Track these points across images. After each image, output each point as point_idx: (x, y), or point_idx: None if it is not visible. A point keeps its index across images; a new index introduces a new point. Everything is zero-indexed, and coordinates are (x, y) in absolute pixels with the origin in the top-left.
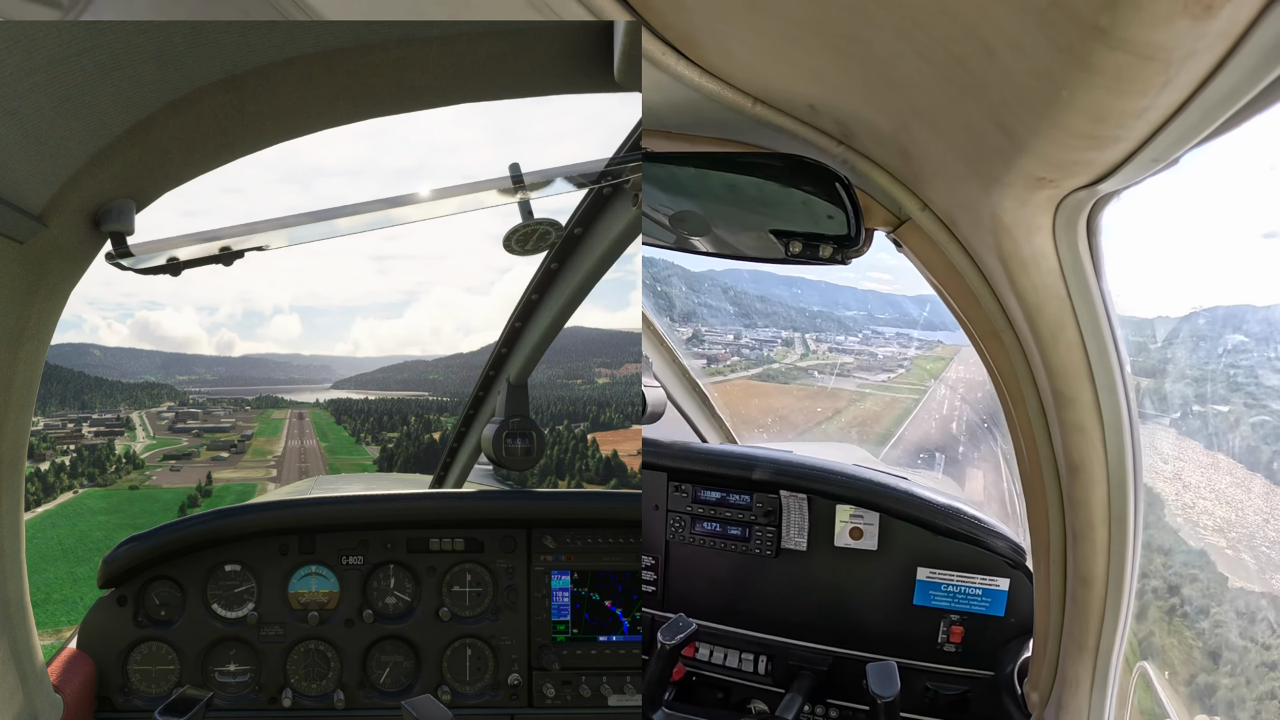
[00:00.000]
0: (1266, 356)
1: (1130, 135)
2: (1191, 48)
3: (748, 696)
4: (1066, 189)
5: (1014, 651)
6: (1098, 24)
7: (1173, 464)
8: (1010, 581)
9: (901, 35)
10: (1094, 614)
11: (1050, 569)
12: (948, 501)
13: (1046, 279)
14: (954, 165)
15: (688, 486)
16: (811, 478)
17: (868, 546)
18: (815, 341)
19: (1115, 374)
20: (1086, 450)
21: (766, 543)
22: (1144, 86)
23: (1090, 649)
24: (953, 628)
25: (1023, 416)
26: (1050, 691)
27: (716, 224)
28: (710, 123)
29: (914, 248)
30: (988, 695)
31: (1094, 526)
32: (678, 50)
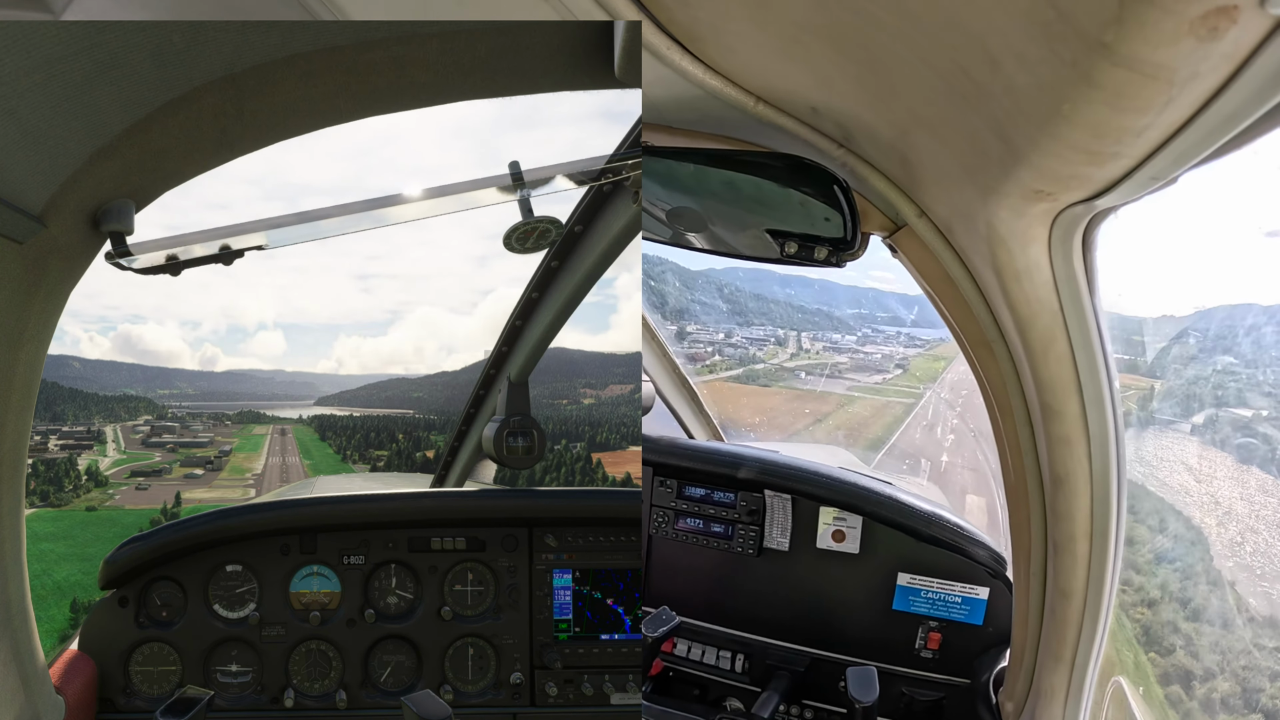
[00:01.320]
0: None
1: (1129, 152)
2: (1195, 69)
3: (724, 694)
4: (1064, 203)
5: (991, 660)
6: (1102, 40)
7: (1205, 483)
8: (990, 591)
9: (906, 42)
10: (1072, 626)
11: (1030, 580)
12: (931, 508)
13: (1040, 291)
14: (953, 173)
15: (673, 482)
16: (796, 478)
17: (850, 550)
18: (811, 340)
19: (1104, 389)
20: (1071, 463)
21: (749, 541)
22: (1145, 104)
23: (1066, 661)
24: (931, 634)
25: (1010, 427)
26: (1025, 702)
27: (714, 221)
28: (712, 120)
29: (909, 254)
30: (963, 703)
31: (1075, 540)
32: (683, 46)
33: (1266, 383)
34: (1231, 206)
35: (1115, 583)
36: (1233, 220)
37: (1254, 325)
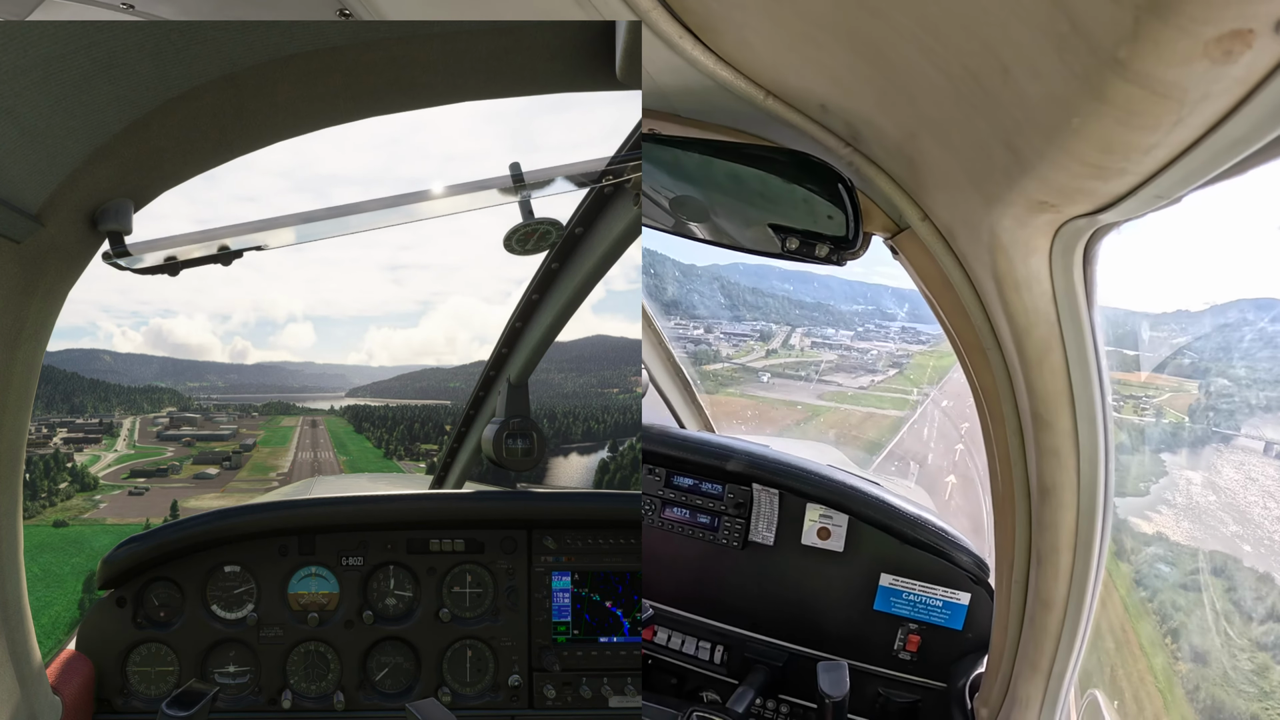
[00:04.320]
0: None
1: (1136, 169)
2: (1207, 90)
3: (701, 685)
4: (1067, 215)
5: (968, 666)
6: (1116, 55)
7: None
8: (971, 596)
9: (920, 45)
10: (1050, 636)
11: (1012, 588)
12: (916, 511)
13: (1038, 302)
14: (958, 179)
15: (661, 470)
16: (785, 474)
17: (834, 548)
18: (803, 336)
19: (1096, 403)
20: (1059, 475)
21: (734, 534)
22: (1155, 122)
23: (1044, 671)
24: (910, 636)
25: (1000, 435)
26: (1000, 709)
27: (716, 213)
28: (720, 111)
29: (910, 256)
30: (938, 707)
31: (1059, 551)
32: (695, 35)
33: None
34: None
35: (1096, 595)
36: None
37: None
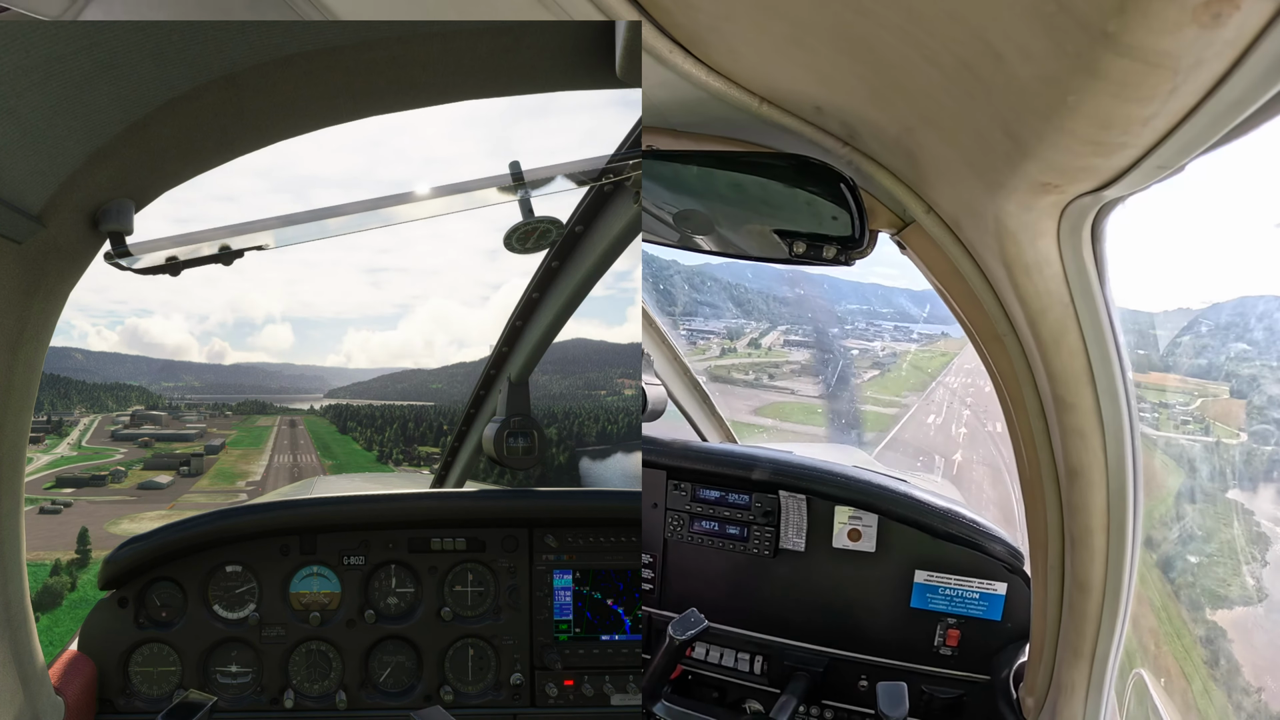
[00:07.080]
0: None
1: (1136, 142)
2: (1199, 56)
3: (743, 696)
4: (1071, 194)
5: (1010, 656)
6: (1105, 30)
7: None
8: (1008, 586)
9: (909, 39)
10: (1091, 620)
11: (1048, 574)
12: (946, 505)
13: (1050, 284)
14: (959, 169)
15: (687, 485)
16: (810, 478)
17: (866, 548)
18: (780, 334)
19: (1117, 380)
20: (1086, 456)
21: (765, 543)
22: (1151, 93)
23: (1086, 655)
24: (949, 631)
25: (1023, 421)
26: (1045, 697)
27: (721, 223)
28: (716, 122)
29: (918, 250)
30: (983, 699)
31: (1092, 533)
32: (684, 48)
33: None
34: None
35: (1134, 575)
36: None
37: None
